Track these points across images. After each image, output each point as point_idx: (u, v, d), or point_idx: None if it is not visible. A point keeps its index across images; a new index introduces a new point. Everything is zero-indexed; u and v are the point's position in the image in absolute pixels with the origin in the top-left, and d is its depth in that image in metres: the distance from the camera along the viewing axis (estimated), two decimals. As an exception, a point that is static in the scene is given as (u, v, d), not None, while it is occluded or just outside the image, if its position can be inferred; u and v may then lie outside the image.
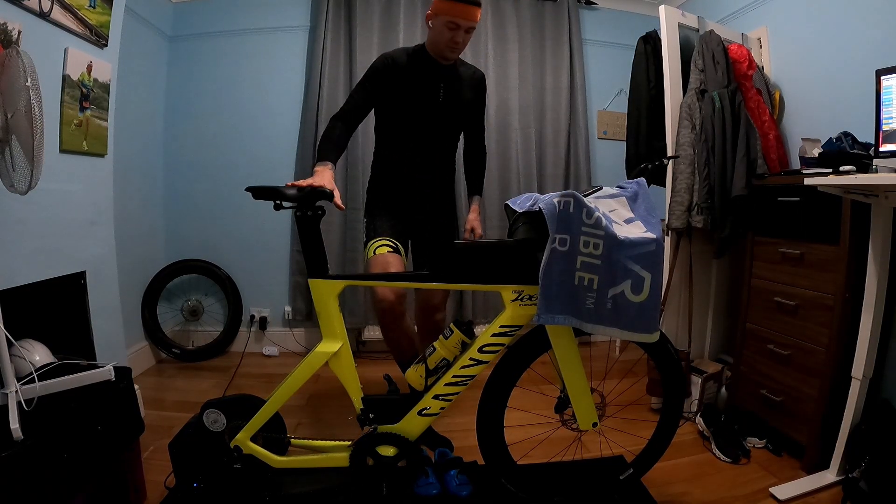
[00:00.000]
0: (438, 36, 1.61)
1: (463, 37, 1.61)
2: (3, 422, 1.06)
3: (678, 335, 2.19)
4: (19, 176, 1.15)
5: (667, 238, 2.13)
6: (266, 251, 2.86)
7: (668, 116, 2.08)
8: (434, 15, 1.61)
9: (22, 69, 1.10)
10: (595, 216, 1.12)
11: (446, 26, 1.58)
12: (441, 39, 1.61)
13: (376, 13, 2.77)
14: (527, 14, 2.94)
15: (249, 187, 1.28)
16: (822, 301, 1.62)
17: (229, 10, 2.79)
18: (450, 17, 1.56)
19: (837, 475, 1.53)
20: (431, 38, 1.65)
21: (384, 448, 1.33)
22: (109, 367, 1.31)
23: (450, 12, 1.56)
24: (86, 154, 1.70)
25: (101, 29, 1.72)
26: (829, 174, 1.47)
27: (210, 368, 2.63)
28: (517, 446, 1.43)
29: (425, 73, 1.68)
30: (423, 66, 1.68)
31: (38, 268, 1.50)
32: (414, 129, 1.71)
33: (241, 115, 2.82)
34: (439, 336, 1.36)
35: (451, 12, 1.56)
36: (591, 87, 3.12)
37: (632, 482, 1.46)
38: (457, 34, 1.59)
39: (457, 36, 1.60)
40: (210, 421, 1.34)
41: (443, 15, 1.57)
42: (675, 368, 1.39)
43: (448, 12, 1.56)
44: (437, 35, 1.61)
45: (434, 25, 1.62)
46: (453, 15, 1.56)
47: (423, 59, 1.68)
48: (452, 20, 1.56)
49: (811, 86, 2.13)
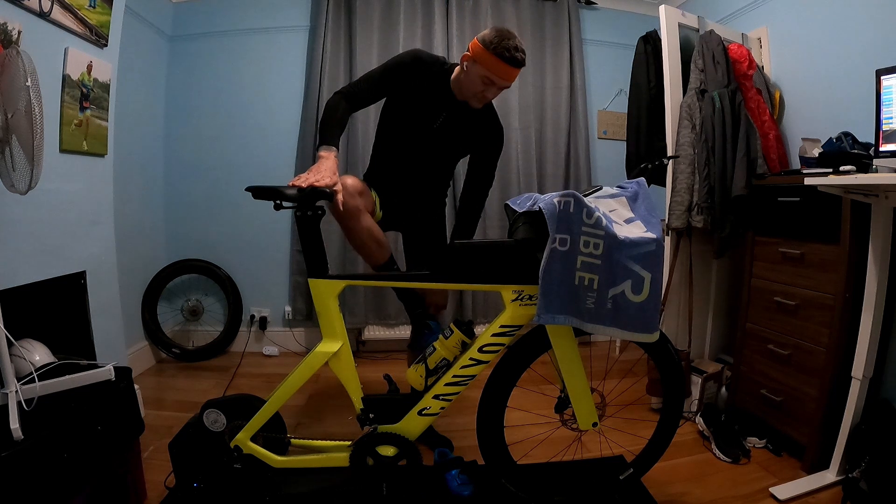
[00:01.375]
0: (469, 84, 1.50)
1: (494, 93, 1.52)
2: (3, 422, 1.06)
3: (678, 335, 2.19)
4: (19, 176, 1.15)
5: (667, 238, 2.13)
6: (266, 251, 2.87)
7: (668, 116, 2.08)
8: (472, 61, 1.47)
9: (22, 69, 1.10)
10: (595, 216, 1.12)
11: (481, 79, 1.46)
12: (471, 89, 1.50)
13: (376, 13, 2.77)
14: (527, 14, 2.94)
15: (249, 187, 1.28)
16: (823, 301, 1.62)
17: (229, 10, 2.79)
18: (489, 72, 1.44)
19: (837, 475, 1.53)
20: (460, 79, 1.53)
21: (384, 448, 1.33)
22: (109, 367, 1.31)
23: (491, 68, 1.43)
24: (86, 154, 1.70)
25: (101, 29, 1.71)
26: (829, 174, 1.47)
27: (210, 368, 2.63)
28: (517, 446, 1.43)
29: (434, 95, 1.57)
30: (438, 88, 1.57)
31: (38, 268, 1.50)
32: (405, 141, 1.64)
33: (242, 114, 2.82)
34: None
35: (492, 69, 1.43)
36: (591, 87, 3.12)
37: (632, 482, 1.46)
38: (489, 90, 1.49)
39: (488, 91, 1.50)
40: (210, 421, 1.34)
41: (482, 66, 1.44)
42: (675, 368, 1.39)
43: (489, 67, 1.43)
44: (469, 82, 1.50)
45: (468, 70, 1.48)
46: (493, 72, 1.44)
47: (441, 81, 1.57)
48: (490, 76, 1.45)
49: (811, 86, 2.13)
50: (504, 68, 1.44)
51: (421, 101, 1.58)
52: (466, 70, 1.49)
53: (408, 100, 1.59)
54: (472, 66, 1.48)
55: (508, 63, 1.43)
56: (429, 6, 2.80)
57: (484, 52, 1.44)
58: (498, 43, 1.42)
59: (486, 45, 1.43)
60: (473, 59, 1.47)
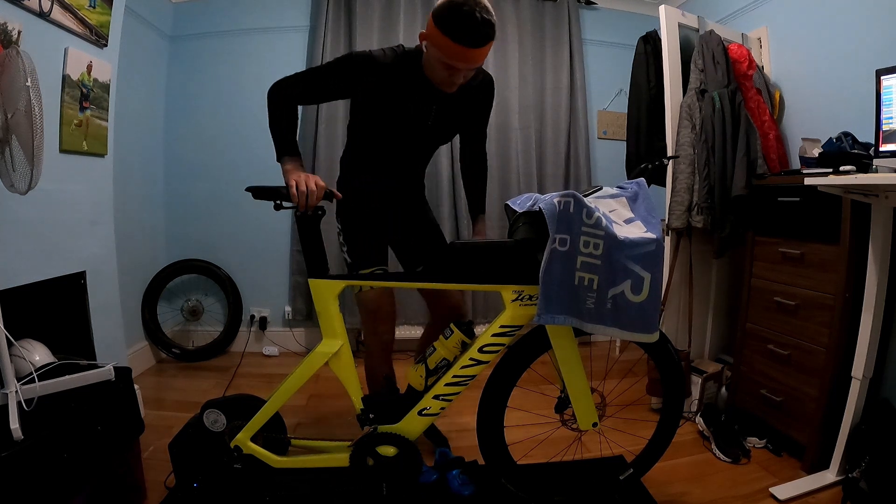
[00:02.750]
0: (432, 71, 1.29)
1: (465, 76, 1.28)
2: (3, 422, 1.06)
3: (678, 335, 2.19)
4: (19, 176, 1.15)
5: (667, 238, 2.13)
6: (266, 251, 2.86)
7: (668, 116, 2.08)
8: (428, 43, 1.24)
9: (22, 69, 1.10)
10: (595, 216, 1.12)
11: (442, 65, 1.23)
12: (435, 76, 1.30)
13: (376, 13, 2.77)
14: (527, 14, 2.94)
15: (249, 187, 1.28)
16: (822, 301, 1.62)
17: (229, 10, 2.79)
18: (445, 57, 1.20)
19: (837, 475, 1.53)
20: (427, 61, 1.30)
21: (384, 448, 1.33)
22: (109, 367, 1.32)
23: (445, 52, 1.19)
24: (86, 154, 1.70)
25: (101, 29, 1.71)
26: (829, 174, 1.47)
27: (210, 368, 2.63)
28: (517, 446, 1.43)
29: (415, 90, 1.36)
30: (414, 81, 1.34)
31: (38, 268, 1.50)
32: (391, 147, 1.50)
33: (242, 114, 2.81)
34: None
35: (446, 52, 1.19)
36: (591, 87, 3.12)
37: (632, 482, 1.46)
38: (455, 74, 1.26)
39: (455, 76, 1.26)
40: (210, 421, 1.34)
41: (436, 49, 1.21)
42: (675, 368, 1.39)
43: (443, 51, 1.19)
44: (431, 69, 1.29)
45: (428, 53, 1.26)
46: (450, 56, 1.19)
47: (415, 72, 1.34)
48: (447, 62, 1.21)
49: (811, 86, 2.13)
50: (460, 51, 1.16)
51: (401, 105, 1.38)
52: (427, 53, 1.27)
53: (382, 108, 1.39)
54: (429, 49, 1.24)
55: (465, 45, 1.15)
56: (429, 6, 2.80)
57: (435, 31, 1.18)
58: (450, 16, 1.14)
59: (436, 22, 1.17)
60: (430, 42, 1.22)
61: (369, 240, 1.52)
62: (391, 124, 1.44)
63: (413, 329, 2.84)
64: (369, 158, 1.56)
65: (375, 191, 1.56)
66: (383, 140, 1.50)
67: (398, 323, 2.82)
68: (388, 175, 1.58)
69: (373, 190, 1.56)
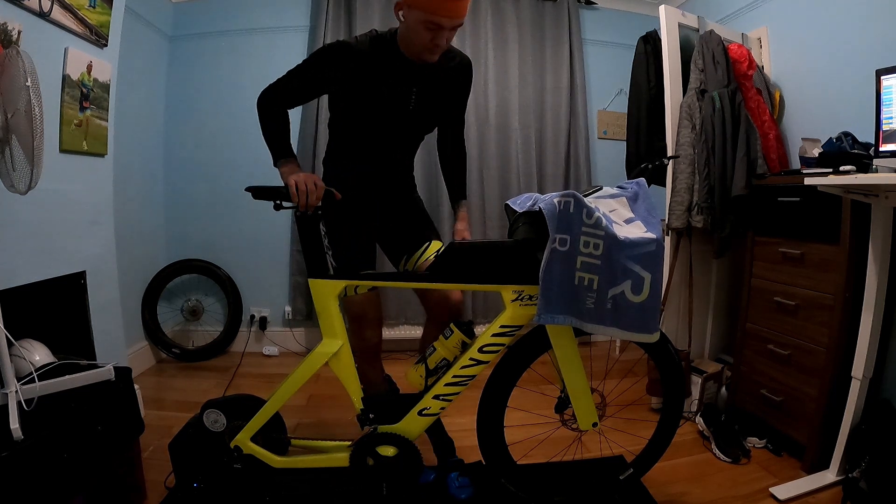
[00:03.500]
0: (414, 35, 1.26)
1: (447, 37, 1.26)
2: (3, 422, 1.06)
3: (678, 335, 2.19)
4: (19, 176, 1.15)
5: (667, 238, 2.13)
6: (266, 251, 2.87)
7: (668, 116, 2.08)
8: (407, 6, 1.23)
9: (22, 69, 1.10)
10: (595, 216, 1.12)
11: (424, 26, 1.22)
12: (417, 40, 1.27)
13: (376, 13, 2.77)
14: (527, 14, 2.94)
15: (249, 187, 1.28)
16: (822, 301, 1.62)
17: (229, 10, 2.79)
18: (429, 14, 1.19)
19: (837, 475, 1.53)
20: (404, 36, 1.30)
21: (384, 448, 1.33)
22: (109, 367, 1.32)
23: (429, 7, 1.19)
24: (86, 154, 1.70)
25: (101, 29, 1.71)
26: (829, 174, 1.47)
27: (210, 368, 2.63)
28: (517, 446, 1.43)
29: (393, 74, 1.34)
30: (392, 64, 1.33)
31: (38, 268, 1.50)
32: (374, 136, 1.47)
33: (241, 114, 2.79)
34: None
35: (430, 7, 1.19)
36: (591, 87, 3.12)
37: (632, 482, 1.46)
38: (438, 36, 1.24)
39: (438, 38, 1.24)
40: (210, 421, 1.34)
41: (418, 10, 1.20)
42: (675, 368, 1.39)
43: (426, 7, 1.19)
44: (413, 34, 1.26)
45: (407, 20, 1.25)
46: (434, 11, 1.19)
47: (391, 54, 1.33)
48: (432, 19, 1.20)
49: (811, 86, 2.13)
50: (443, 3, 1.18)
51: (379, 91, 1.35)
52: (405, 20, 1.25)
53: (360, 96, 1.37)
54: (409, 14, 1.23)
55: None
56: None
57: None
58: None
59: None
60: (408, 5, 1.22)
61: (355, 242, 1.46)
62: (373, 112, 1.40)
63: (413, 329, 2.84)
64: (353, 151, 1.52)
65: (361, 184, 1.50)
66: (366, 130, 1.46)
67: (398, 323, 2.82)
68: (374, 165, 1.52)
69: (358, 183, 1.49)
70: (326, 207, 1.30)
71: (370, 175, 1.53)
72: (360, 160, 1.51)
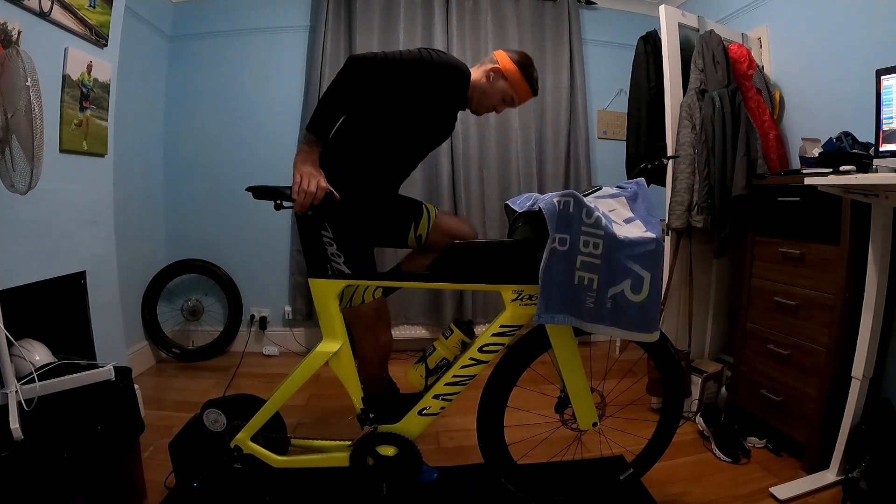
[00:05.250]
0: (488, 97, 1.50)
1: (503, 109, 1.55)
2: (3, 422, 1.06)
3: (678, 335, 2.19)
4: (19, 176, 1.15)
5: (667, 238, 2.13)
6: (266, 251, 2.87)
7: (668, 116, 2.08)
8: (500, 76, 1.48)
9: (22, 69, 1.10)
10: (595, 216, 1.12)
11: (502, 95, 1.50)
12: (487, 101, 1.51)
13: (376, 13, 2.77)
14: (527, 14, 2.95)
15: (250, 187, 1.28)
16: (822, 301, 1.62)
17: (229, 10, 2.79)
18: (513, 92, 1.49)
19: (837, 475, 1.53)
20: (478, 87, 1.49)
21: (384, 448, 1.33)
22: (109, 367, 1.31)
23: (518, 89, 1.49)
24: (86, 154, 1.70)
25: (101, 29, 1.72)
26: (829, 174, 1.47)
27: (210, 368, 2.63)
28: (517, 446, 1.43)
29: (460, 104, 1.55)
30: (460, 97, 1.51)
31: (38, 268, 1.50)
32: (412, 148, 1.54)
33: (242, 114, 2.82)
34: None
35: (518, 89, 1.49)
36: (591, 87, 3.12)
37: (632, 482, 1.46)
38: (501, 106, 1.53)
39: (500, 107, 1.53)
40: (210, 421, 1.34)
41: (509, 84, 1.48)
42: (675, 368, 1.39)
43: (517, 87, 1.48)
44: (488, 96, 1.50)
45: (493, 83, 1.48)
46: (518, 92, 1.49)
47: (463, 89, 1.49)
48: (513, 95, 1.50)
49: (811, 86, 2.13)
50: (528, 92, 1.50)
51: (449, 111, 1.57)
52: (491, 82, 1.49)
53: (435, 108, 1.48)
54: (498, 81, 1.49)
55: (532, 89, 1.50)
56: (429, 6, 2.81)
57: (516, 72, 1.47)
58: (529, 65, 1.50)
59: (518, 66, 1.48)
60: (503, 75, 1.48)
61: (366, 248, 1.47)
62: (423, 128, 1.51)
63: (413, 329, 2.84)
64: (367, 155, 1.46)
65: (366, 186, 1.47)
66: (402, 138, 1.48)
67: (398, 323, 2.82)
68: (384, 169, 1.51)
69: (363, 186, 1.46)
70: (326, 209, 1.30)
71: (377, 178, 1.51)
72: (371, 163, 1.47)
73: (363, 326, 1.47)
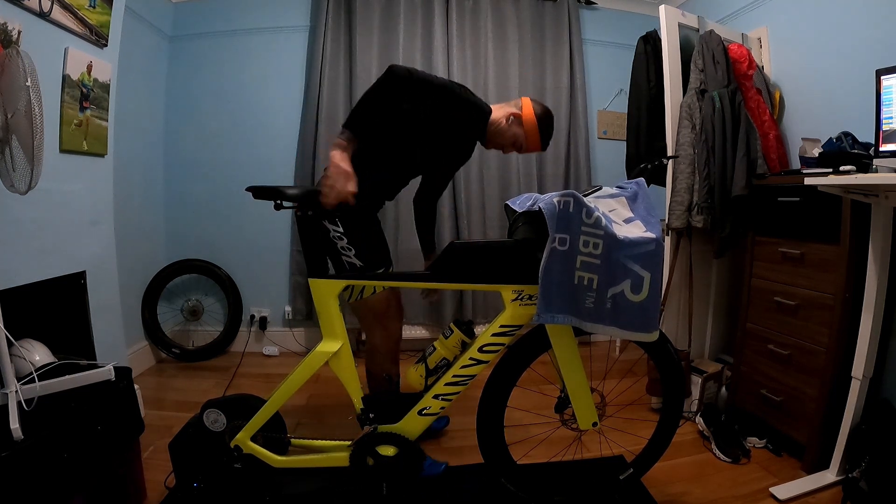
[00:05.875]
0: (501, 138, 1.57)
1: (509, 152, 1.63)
2: (3, 422, 1.06)
3: (678, 335, 2.19)
4: (19, 176, 1.15)
5: (667, 238, 2.13)
6: (266, 251, 2.86)
7: (668, 116, 2.08)
8: (519, 123, 1.55)
9: (22, 69, 1.10)
10: (595, 216, 1.12)
11: (513, 141, 1.56)
12: (499, 140, 1.58)
13: (376, 13, 2.77)
14: (527, 14, 2.94)
15: (250, 187, 1.28)
16: (822, 301, 1.62)
17: (229, 10, 2.79)
18: (527, 141, 1.56)
19: (837, 475, 1.53)
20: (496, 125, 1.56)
21: (384, 448, 1.33)
22: (109, 367, 1.31)
23: (531, 139, 1.55)
24: (86, 154, 1.70)
25: (101, 29, 1.72)
26: (829, 174, 1.47)
27: (210, 368, 2.63)
28: (517, 446, 1.43)
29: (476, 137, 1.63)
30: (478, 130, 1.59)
31: (38, 268, 1.50)
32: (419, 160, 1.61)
33: (242, 114, 2.82)
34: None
35: (531, 140, 1.55)
36: (591, 87, 3.12)
37: (632, 482, 1.46)
38: (508, 149, 1.60)
39: (507, 149, 1.60)
40: (210, 421, 1.34)
41: (524, 132, 1.55)
42: (675, 368, 1.39)
43: (530, 137, 1.55)
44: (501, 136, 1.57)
45: (509, 127, 1.55)
46: (530, 142, 1.56)
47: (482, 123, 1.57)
48: (524, 144, 1.56)
49: (811, 86, 2.13)
50: (538, 145, 1.57)
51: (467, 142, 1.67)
52: (508, 125, 1.55)
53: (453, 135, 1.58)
54: (515, 126, 1.55)
55: (543, 145, 1.58)
56: (429, 6, 2.81)
57: (534, 125, 1.54)
58: (549, 122, 1.57)
59: (538, 119, 1.55)
60: (521, 123, 1.55)
61: (379, 240, 1.57)
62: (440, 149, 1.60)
63: (413, 329, 2.84)
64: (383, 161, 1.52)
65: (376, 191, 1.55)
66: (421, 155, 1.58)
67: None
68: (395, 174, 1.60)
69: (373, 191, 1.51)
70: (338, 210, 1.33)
71: (388, 182, 1.59)
72: (383, 168, 1.52)
73: (373, 317, 1.52)
